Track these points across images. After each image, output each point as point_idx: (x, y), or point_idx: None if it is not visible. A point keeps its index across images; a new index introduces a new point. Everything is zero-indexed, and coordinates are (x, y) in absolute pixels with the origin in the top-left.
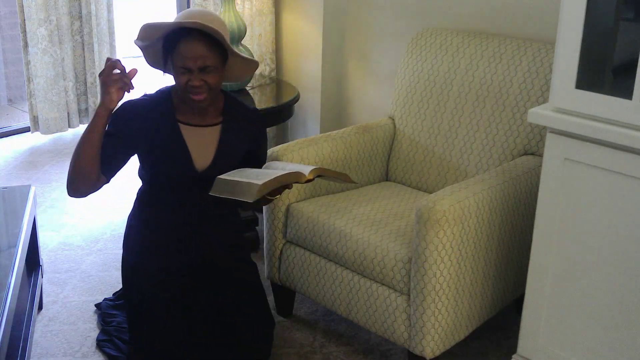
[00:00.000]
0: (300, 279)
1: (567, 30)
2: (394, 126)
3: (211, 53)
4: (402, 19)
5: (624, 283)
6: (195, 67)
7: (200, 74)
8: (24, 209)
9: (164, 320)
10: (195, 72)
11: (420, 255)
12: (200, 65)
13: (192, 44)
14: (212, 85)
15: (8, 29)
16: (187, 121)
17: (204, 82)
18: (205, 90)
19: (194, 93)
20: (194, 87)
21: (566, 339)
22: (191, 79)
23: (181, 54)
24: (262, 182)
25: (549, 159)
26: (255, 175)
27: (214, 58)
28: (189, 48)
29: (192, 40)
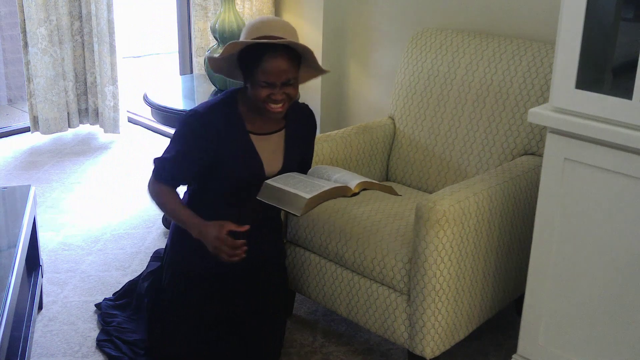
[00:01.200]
0: (300, 279)
1: (567, 30)
2: (394, 126)
3: (293, 66)
4: (402, 19)
5: (624, 283)
6: (279, 82)
7: (283, 88)
8: (24, 209)
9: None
10: (278, 86)
11: (420, 255)
12: (284, 79)
13: (277, 60)
14: (293, 96)
15: (8, 29)
16: (255, 130)
17: (286, 94)
18: (286, 102)
19: (275, 107)
20: (275, 101)
21: (566, 339)
22: (273, 93)
23: (265, 70)
24: (310, 196)
25: (549, 159)
26: (303, 184)
27: (295, 70)
28: (274, 64)
29: (277, 55)
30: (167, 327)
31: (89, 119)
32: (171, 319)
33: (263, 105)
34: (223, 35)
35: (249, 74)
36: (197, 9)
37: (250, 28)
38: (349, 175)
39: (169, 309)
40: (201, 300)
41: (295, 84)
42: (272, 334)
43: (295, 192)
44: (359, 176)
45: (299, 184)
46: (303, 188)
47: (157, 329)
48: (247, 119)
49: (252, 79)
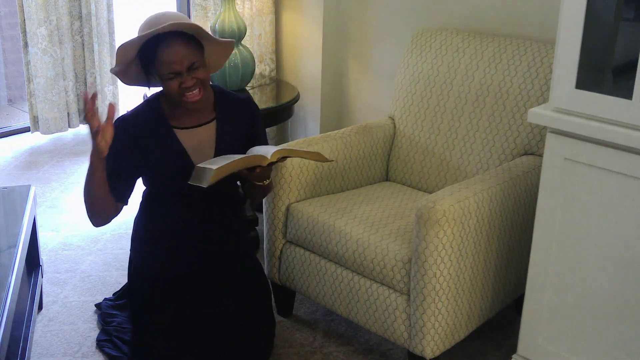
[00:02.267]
0: (300, 279)
1: (567, 30)
2: (394, 126)
3: (192, 49)
4: (402, 19)
5: (624, 283)
6: (183, 69)
7: (190, 73)
8: (24, 209)
9: (169, 320)
10: (184, 73)
11: (420, 255)
12: (187, 64)
13: (172, 47)
14: (204, 79)
15: (8, 29)
16: (181, 125)
17: (196, 79)
18: (199, 87)
19: (190, 95)
20: (188, 88)
21: (566, 339)
22: (183, 81)
23: (164, 61)
24: (217, 167)
25: (549, 159)
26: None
27: (196, 53)
28: (170, 52)
29: (170, 43)
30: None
31: None
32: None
33: (180, 97)
34: (223, 35)
35: (154, 72)
36: (197, 9)
37: (140, 28)
38: (270, 147)
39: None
40: (172, 301)
41: (202, 65)
42: (260, 331)
43: (205, 166)
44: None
45: (217, 160)
46: (216, 162)
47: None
48: (170, 116)
49: (158, 77)
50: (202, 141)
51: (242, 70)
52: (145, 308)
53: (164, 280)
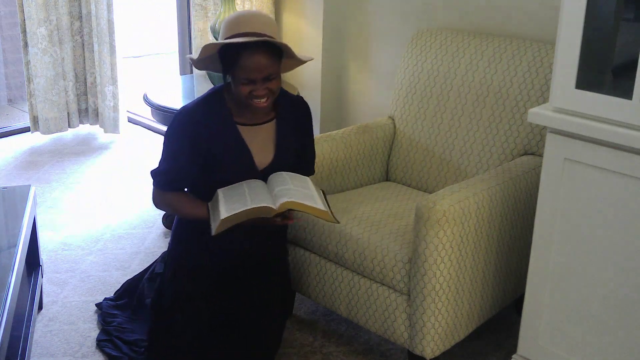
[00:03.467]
0: (300, 279)
1: (567, 30)
2: (394, 126)
3: (273, 62)
4: (402, 19)
5: (624, 283)
6: (259, 78)
7: (264, 83)
8: (24, 209)
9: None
10: (259, 82)
11: (420, 255)
12: (265, 75)
13: (255, 57)
14: (275, 91)
15: (8, 29)
16: (244, 122)
17: (268, 89)
18: (269, 96)
19: (258, 102)
20: (258, 97)
21: (566, 339)
22: (255, 89)
23: (245, 67)
24: (226, 216)
25: (549, 159)
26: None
27: (276, 65)
28: (253, 61)
29: (254, 53)
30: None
31: (89, 119)
32: (173, 316)
33: (247, 101)
34: None
35: (230, 71)
36: (197, 9)
37: (228, 25)
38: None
39: (170, 307)
40: (203, 295)
41: (277, 78)
42: (271, 331)
43: (220, 209)
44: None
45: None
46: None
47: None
48: (234, 112)
49: (233, 76)
50: (264, 139)
51: None
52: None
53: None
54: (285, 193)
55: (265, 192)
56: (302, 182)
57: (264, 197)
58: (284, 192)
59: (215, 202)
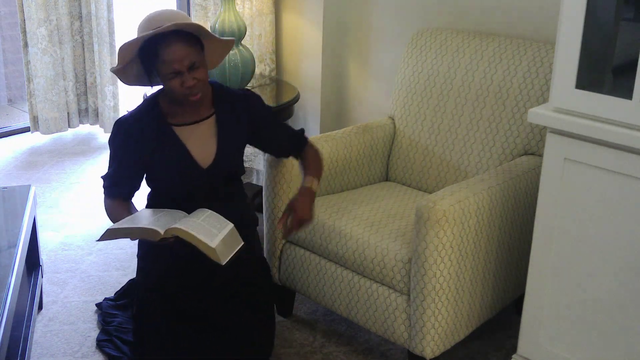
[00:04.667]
0: (300, 279)
1: (567, 30)
2: (394, 126)
3: (192, 48)
4: (402, 18)
5: (624, 283)
6: (184, 68)
7: (191, 73)
8: (24, 209)
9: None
10: (185, 72)
11: (420, 255)
12: (188, 64)
13: (173, 47)
14: (203, 79)
15: (8, 29)
16: (180, 122)
17: (196, 79)
18: (200, 87)
19: (191, 94)
20: (189, 88)
21: (566, 339)
22: (184, 81)
23: (165, 60)
24: (113, 227)
25: (549, 159)
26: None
27: (196, 52)
28: (171, 52)
29: (170, 43)
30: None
31: (89, 119)
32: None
33: (182, 97)
34: (223, 35)
35: (155, 71)
36: (197, 9)
37: (140, 27)
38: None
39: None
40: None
41: (202, 65)
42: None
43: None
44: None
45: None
46: (130, 221)
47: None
48: (169, 114)
49: (160, 76)
50: (203, 137)
51: (242, 70)
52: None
53: (169, 281)
54: (184, 222)
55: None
56: (216, 223)
57: (164, 221)
58: (184, 222)
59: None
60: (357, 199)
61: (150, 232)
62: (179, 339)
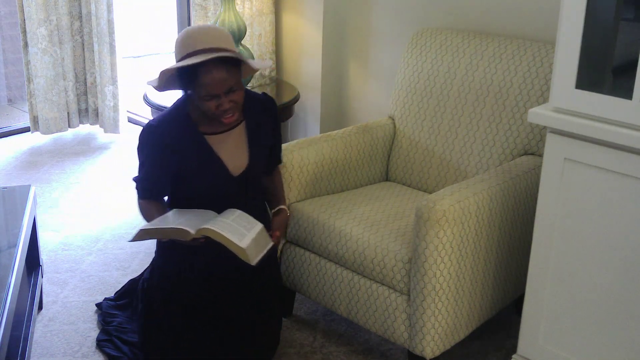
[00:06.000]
0: (300, 279)
1: (567, 30)
2: (394, 126)
3: (231, 74)
4: (402, 18)
5: (624, 283)
6: (221, 93)
7: (228, 96)
8: (24, 209)
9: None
10: (222, 96)
11: (420, 255)
12: (226, 88)
13: (213, 73)
14: (239, 102)
15: (8, 29)
16: (211, 131)
17: (233, 102)
18: (236, 109)
19: (226, 117)
20: (225, 111)
21: (566, 339)
22: (221, 104)
23: (203, 84)
24: (144, 228)
25: (549, 159)
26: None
27: (236, 76)
28: (211, 78)
29: (211, 69)
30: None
31: (89, 119)
32: (163, 320)
33: (217, 118)
34: None
35: (192, 90)
36: (197, 9)
37: (181, 45)
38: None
39: (159, 310)
40: (191, 301)
41: (239, 89)
42: (267, 330)
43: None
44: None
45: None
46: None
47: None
48: (200, 122)
49: (196, 95)
50: (235, 145)
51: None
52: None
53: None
54: (214, 223)
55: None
56: (246, 223)
57: (195, 222)
58: (215, 222)
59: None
60: (357, 199)
61: (182, 232)
62: (186, 335)
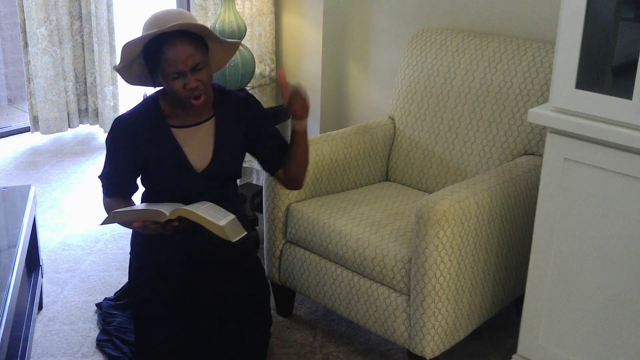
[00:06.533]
0: (300, 279)
1: (567, 30)
2: (394, 126)
3: (197, 49)
4: (402, 19)
5: (624, 283)
6: (187, 69)
7: (194, 74)
8: (24, 209)
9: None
10: (188, 73)
11: (420, 255)
12: (191, 65)
13: (177, 47)
14: (207, 81)
15: (8, 29)
16: (179, 124)
17: (199, 81)
18: (202, 89)
19: (194, 97)
20: (192, 90)
21: (566, 339)
22: (187, 82)
23: (169, 60)
24: (115, 211)
25: (549, 159)
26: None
27: (201, 53)
28: (175, 52)
29: (175, 43)
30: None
31: (89, 119)
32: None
33: (184, 99)
34: (223, 35)
35: (158, 71)
36: (197, 9)
37: (146, 25)
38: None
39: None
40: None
41: (206, 67)
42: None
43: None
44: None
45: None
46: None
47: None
48: (169, 115)
49: (162, 76)
50: (201, 140)
51: (242, 70)
52: (143, 307)
53: (162, 280)
54: (189, 206)
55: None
56: (219, 212)
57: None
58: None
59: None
60: (357, 199)
61: (156, 213)
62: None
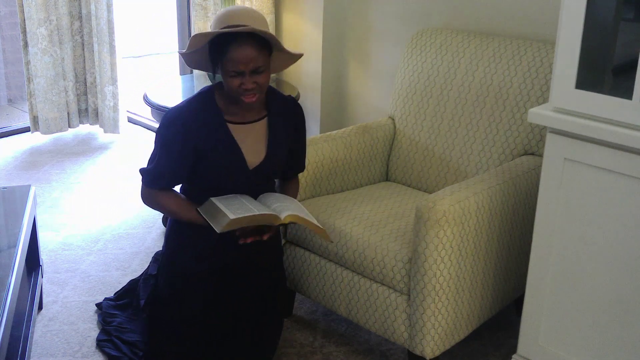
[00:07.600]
0: (300, 278)
1: (567, 30)
2: (394, 126)
3: (261, 54)
4: (402, 19)
5: (624, 283)
6: (247, 70)
7: (252, 76)
8: (24, 209)
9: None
10: (247, 74)
11: (420, 255)
12: (252, 67)
13: (243, 48)
14: (263, 85)
15: (8, 29)
16: (234, 120)
17: (256, 83)
18: (258, 91)
19: (247, 96)
20: (247, 90)
21: (566, 339)
22: (244, 82)
23: (232, 58)
24: (234, 217)
25: (549, 159)
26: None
27: (264, 58)
28: (240, 52)
29: (242, 44)
30: (166, 328)
31: (89, 119)
32: (170, 319)
33: (237, 96)
34: None
35: (219, 64)
36: (197, 9)
37: (219, 19)
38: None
39: (167, 309)
40: (199, 300)
41: (266, 72)
42: (269, 332)
43: (224, 211)
44: (297, 208)
45: (235, 205)
46: (235, 210)
47: (158, 330)
48: (225, 111)
49: (222, 70)
50: (255, 137)
51: None
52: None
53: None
54: (287, 208)
55: (262, 205)
56: (295, 204)
57: (265, 208)
58: (285, 207)
59: (211, 207)
60: (357, 199)
61: (271, 217)
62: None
